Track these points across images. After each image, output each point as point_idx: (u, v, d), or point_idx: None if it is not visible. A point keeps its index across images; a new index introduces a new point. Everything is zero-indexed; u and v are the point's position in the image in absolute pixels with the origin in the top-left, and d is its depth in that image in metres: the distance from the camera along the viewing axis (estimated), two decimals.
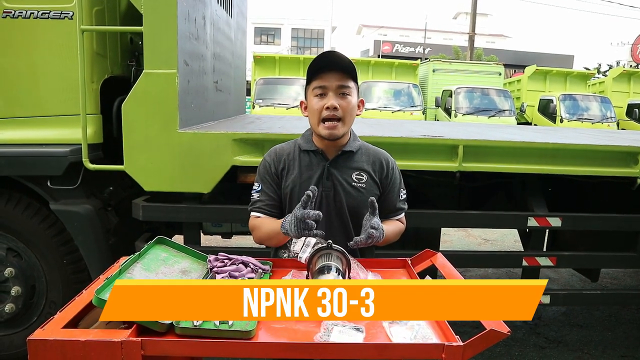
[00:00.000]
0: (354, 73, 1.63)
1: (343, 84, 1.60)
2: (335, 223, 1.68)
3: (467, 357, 1.08)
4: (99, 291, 1.18)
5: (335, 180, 1.68)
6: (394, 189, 1.76)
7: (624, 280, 4.77)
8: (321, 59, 1.62)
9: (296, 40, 38.90)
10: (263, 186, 1.72)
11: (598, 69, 27.22)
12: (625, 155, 2.77)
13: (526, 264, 2.83)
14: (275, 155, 1.74)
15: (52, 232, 2.72)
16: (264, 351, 1.13)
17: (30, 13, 2.56)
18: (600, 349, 3.35)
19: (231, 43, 3.91)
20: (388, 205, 1.75)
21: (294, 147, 1.74)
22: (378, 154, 1.77)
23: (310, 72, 1.63)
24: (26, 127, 2.65)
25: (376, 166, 1.73)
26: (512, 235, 5.90)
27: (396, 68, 13.15)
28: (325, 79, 1.60)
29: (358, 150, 1.73)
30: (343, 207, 1.68)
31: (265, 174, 1.72)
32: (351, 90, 1.63)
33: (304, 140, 1.73)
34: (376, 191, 1.71)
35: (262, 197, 1.71)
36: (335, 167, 1.69)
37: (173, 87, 2.44)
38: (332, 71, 1.60)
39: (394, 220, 1.76)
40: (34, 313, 2.83)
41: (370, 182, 1.70)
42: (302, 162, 1.70)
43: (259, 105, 9.97)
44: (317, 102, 1.61)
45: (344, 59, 1.61)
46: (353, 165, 1.71)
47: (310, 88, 1.64)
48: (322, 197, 1.68)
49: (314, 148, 1.70)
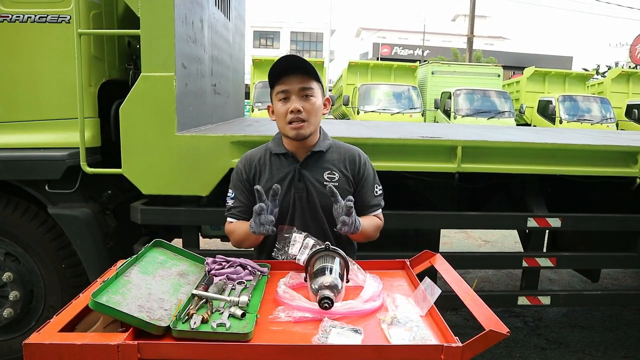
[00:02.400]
0: (315, 74, 1.65)
1: (304, 85, 1.62)
2: (311, 224, 1.69)
3: (467, 358, 1.07)
4: (95, 294, 1.17)
5: (307, 182, 1.69)
6: (367, 184, 1.75)
7: (625, 280, 4.76)
8: (280, 63, 1.63)
9: (295, 44, 39.00)
10: (236, 193, 1.75)
11: (597, 70, 27.27)
12: (624, 155, 2.76)
13: (526, 265, 2.83)
14: (246, 161, 1.77)
15: (51, 236, 2.72)
16: (262, 354, 1.12)
17: (27, 17, 2.56)
18: (602, 350, 3.34)
19: (229, 46, 3.92)
20: (362, 201, 1.74)
21: (264, 152, 1.77)
22: (349, 150, 1.78)
23: (271, 78, 1.66)
24: (24, 131, 2.64)
25: (347, 163, 1.74)
26: (512, 236, 5.89)
27: (395, 70, 13.18)
28: (287, 82, 1.62)
29: (328, 150, 1.74)
30: (317, 207, 1.69)
31: (237, 181, 1.76)
32: (314, 91, 1.64)
33: (274, 144, 1.76)
34: (349, 188, 1.72)
35: (235, 203, 1.75)
36: (306, 168, 1.70)
37: (171, 90, 2.44)
38: (293, 74, 1.62)
39: (370, 216, 1.75)
40: (33, 318, 2.82)
41: (343, 180, 1.71)
42: (273, 166, 1.72)
43: (258, 109, 9.99)
44: (282, 107, 1.64)
45: (303, 61, 1.63)
46: (324, 164, 1.72)
47: (274, 93, 1.67)
48: (295, 199, 1.70)
49: (284, 151, 1.72)
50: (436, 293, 1.27)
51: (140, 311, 1.18)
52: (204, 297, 1.30)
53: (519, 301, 2.86)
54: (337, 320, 1.21)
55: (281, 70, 1.63)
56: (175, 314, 1.21)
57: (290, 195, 1.69)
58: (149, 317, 1.17)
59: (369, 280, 1.44)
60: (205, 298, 1.30)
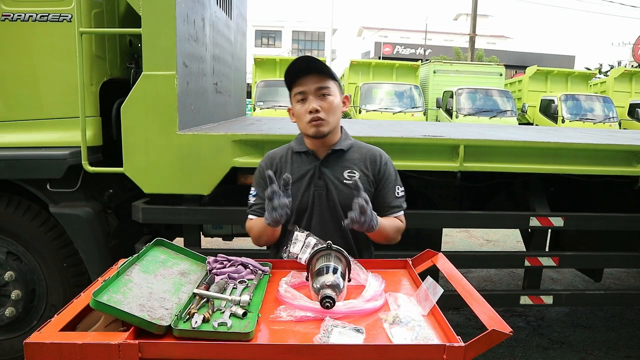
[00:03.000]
0: (330, 72, 1.65)
1: (321, 85, 1.63)
2: (330, 222, 1.69)
3: (469, 358, 1.07)
4: (96, 293, 1.16)
5: (327, 179, 1.70)
6: (388, 185, 1.74)
7: (627, 280, 4.74)
8: (295, 65, 1.65)
9: (297, 43, 38.99)
10: (257, 190, 1.76)
11: (599, 69, 27.18)
12: (627, 155, 2.75)
13: (528, 264, 2.81)
14: (267, 159, 1.80)
15: (52, 235, 2.71)
16: (263, 353, 1.11)
17: (29, 16, 2.56)
18: (604, 350, 3.33)
19: (231, 45, 3.91)
20: (382, 201, 1.74)
21: (286, 150, 1.79)
22: (370, 150, 1.78)
23: (288, 81, 1.68)
24: (25, 130, 2.64)
25: (368, 162, 1.74)
26: (514, 235, 5.88)
27: (397, 69, 13.16)
28: (303, 84, 1.64)
29: (350, 149, 1.75)
30: (336, 206, 1.69)
31: (259, 179, 1.77)
32: (330, 89, 1.65)
33: (296, 143, 1.78)
34: (370, 188, 1.71)
35: (256, 200, 1.75)
36: (326, 166, 1.71)
37: (172, 89, 2.44)
38: (308, 75, 1.63)
39: (391, 217, 1.74)
40: (35, 317, 2.82)
41: (363, 179, 1.70)
42: (294, 164, 1.74)
43: (260, 108, 9.98)
44: (300, 108, 1.66)
45: (316, 61, 1.64)
46: (344, 163, 1.72)
47: (292, 95, 1.69)
48: (315, 197, 1.70)
49: (305, 149, 1.73)
50: (438, 292, 1.27)
51: (141, 310, 1.18)
52: (205, 296, 1.30)
53: (522, 300, 2.85)
54: (339, 320, 1.21)
55: (297, 72, 1.64)
56: (177, 313, 1.20)
57: (309, 193, 1.70)
58: (150, 317, 1.16)
59: (370, 279, 1.44)
60: (206, 297, 1.30)
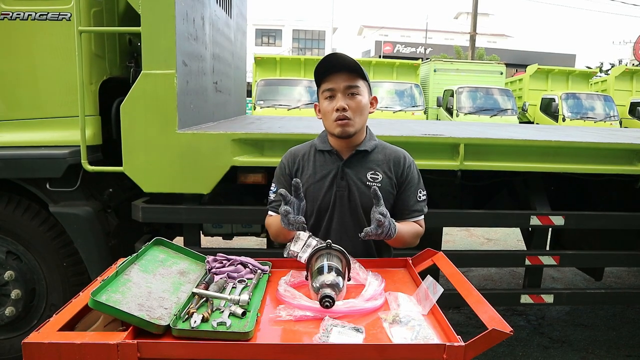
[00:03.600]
0: (361, 71, 1.63)
1: (350, 84, 1.61)
2: (350, 223, 1.67)
3: (469, 357, 1.06)
4: (94, 293, 1.16)
5: (350, 180, 1.67)
6: (410, 188, 1.72)
7: (628, 279, 4.74)
8: (325, 62, 1.62)
9: (297, 42, 38.92)
10: (278, 187, 1.74)
11: (600, 68, 27.14)
12: (628, 153, 2.74)
13: (529, 263, 2.81)
14: (290, 156, 1.77)
15: (52, 234, 2.71)
16: (263, 353, 1.11)
17: (28, 15, 2.55)
18: (605, 349, 3.32)
19: (231, 44, 3.90)
20: (403, 204, 1.71)
21: (309, 148, 1.76)
22: (395, 152, 1.75)
23: (317, 76, 1.65)
24: (25, 130, 2.64)
25: (391, 164, 1.71)
26: (514, 234, 5.87)
27: (397, 68, 13.13)
28: (333, 81, 1.61)
29: (374, 150, 1.72)
30: (358, 207, 1.66)
31: (280, 175, 1.76)
32: (360, 89, 1.62)
33: (320, 141, 1.75)
34: (392, 190, 1.69)
35: (276, 197, 1.72)
36: (349, 167, 1.68)
37: (172, 88, 2.43)
38: (339, 73, 1.61)
39: (409, 222, 1.71)
40: (35, 316, 2.82)
41: (386, 181, 1.68)
42: (317, 162, 1.71)
43: (260, 107, 9.96)
44: (328, 105, 1.63)
45: (348, 59, 1.61)
46: (368, 164, 1.69)
47: (320, 91, 1.66)
48: (337, 197, 1.67)
49: (329, 148, 1.71)
50: (438, 291, 1.26)
51: (140, 310, 1.18)
52: (205, 295, 1.30)
53: (522, 300, 2.85)
54: (339, 319, 1.20)
55: (327, 69, 1.62)
56: (176, 313, 1.20)
57: (331, 193, 1.67)
58: (148, 316, 1.16)
59: (370, 278, 1.43)
60: (205, 297, 1.29)
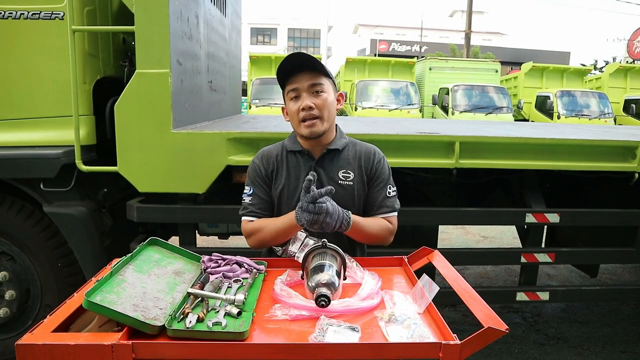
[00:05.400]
0: (324, 69, 1.61)
1: (314, 82, 1.60)
2: None
3: (465, 355, 1.06)
4: (89, 294, 1.15)
5: (323, 180, 1.66)
6: (380, 183, 1.70)
7: (623, 275, 4.76)
8: (286, 63, 1.60)
9: (292, 40, 38.86)
10: (255, 189, 1.69)
11: (594, 65, 27.24)
12: (623, 150, 2.76)
13: (524, 261, 2.82)
14: (263, 157, 1.73)
15: (46, 235, 2.70)
16: (258, 353, 1.10)
17: (20, 14, 2.53)
18: (600, 345, 3.34)
19: (226, 42, 3.89)
20: (371, 199, 1.70)
21: (281, 149, 1.73)
22: (365, 148, 1.74)
23: (280, 78, 1.64)
24: (18, 129, 2.62)
25: (362, 160, 1.70)
26: (510, 232, 5.90)
27: (393, 66, 13.13)
28: (296, 81, 1.60)
29: (344, 148, 1.71)
30: None
31: (255, 177, 1.71)
32: (324, 86, 1.61)
33: (289, 142, 1.72)
34: (364, 187, 1.69)
35: (254, 200, 1.69)
36: (321, 167, 1.68)
37: (166, 87, 2.42)
38: (301, 72, 1.60)
39: (377, 218, 1.69)
40: (29, 317, 2.81)
41: (358, 179, 1.68)
42: (289, 164, 1.69)
43: (256, 105, 9.95)
44: (293, 105, 1.61)
45: (309, 58, 1.60)
46: (339, 163, 1.69)
47: (285, 93, 1.65)
48: None
49: (300, 148, 1.69)
50: (434, 290, 1.26)
51: (135, 310, 1.17)
52: (200, 295, 1.29)
53: (518, 297, 2.86)
54: (334, 318, 1.20)
55: (289, 70, 1.60)
56: (171, 313, 1.19)
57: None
58: (143, 317, 1.15)
59: (366, 277, 1.43)
60: (201, 296, 1.28)
